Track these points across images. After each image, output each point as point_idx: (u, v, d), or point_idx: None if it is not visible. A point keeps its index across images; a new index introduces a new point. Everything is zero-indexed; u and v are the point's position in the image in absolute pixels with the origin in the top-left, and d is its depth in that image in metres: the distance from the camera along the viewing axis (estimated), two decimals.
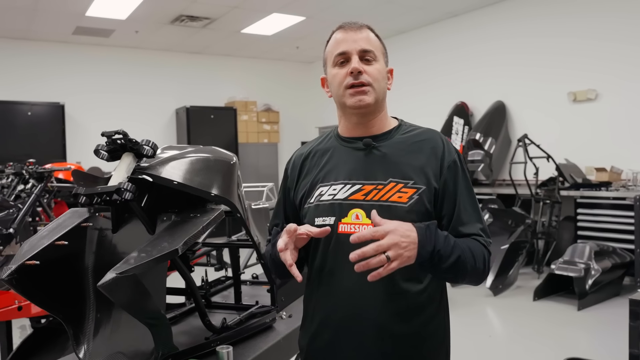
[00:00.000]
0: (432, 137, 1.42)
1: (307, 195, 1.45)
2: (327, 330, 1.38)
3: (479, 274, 1.33)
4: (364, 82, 1.36)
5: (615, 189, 5.75)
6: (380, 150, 1.40)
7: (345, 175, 1.39)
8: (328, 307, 1.39)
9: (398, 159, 1.37)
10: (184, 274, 1.81)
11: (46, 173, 3.86)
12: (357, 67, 1.35)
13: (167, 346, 1.52)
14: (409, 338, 1.34)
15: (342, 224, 1.35)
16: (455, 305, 4.96)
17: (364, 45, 1.38)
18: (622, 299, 5.12)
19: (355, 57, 1.37)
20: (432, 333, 1.37)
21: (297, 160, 1.53)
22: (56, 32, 8.34)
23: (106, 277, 1.28)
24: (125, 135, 1.52)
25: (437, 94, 8.37)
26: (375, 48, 1.40)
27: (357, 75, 1.36)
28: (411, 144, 1.40)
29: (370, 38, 1.40)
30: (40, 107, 8.49)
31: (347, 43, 1.38)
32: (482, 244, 1.34)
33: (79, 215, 1.69)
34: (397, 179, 1.34)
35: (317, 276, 1.41)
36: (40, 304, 1.57)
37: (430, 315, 1.37)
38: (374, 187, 1.35)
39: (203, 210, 1.62)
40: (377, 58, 1.39)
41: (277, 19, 8.03)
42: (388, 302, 1.32)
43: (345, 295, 1.35)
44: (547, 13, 6.94)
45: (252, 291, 2.50)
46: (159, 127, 9.69)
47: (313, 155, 1.50)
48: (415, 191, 1.33)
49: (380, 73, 1.39)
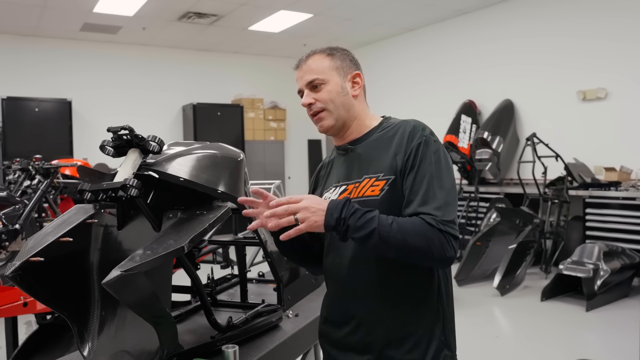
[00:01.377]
0: (404, 125, 1.46)
1: None
2: (336, 317, 1.52)
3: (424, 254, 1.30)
4: (317, 110, 1.52)
5: (624, 189, 5.69)
6: (355, 152, 1.53)
7: (336, 179, 1.56)
8: (335, 297, 1.54)
9: (371, 156, 1.48)
10: (190, 272, 1.79)
11: (52, 169, 3.86)
12: (306, 101, 1.53)
13: (173, 345, 1.50)
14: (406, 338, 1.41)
15: None
16: (463, 305, 4.93)
17: (307, 78, 1.53)
18: (632, 300, 5.08)
19: (306, 91, 1.54)
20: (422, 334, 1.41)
21: (316, 172, 1.71)
22: (64, 29, 8.35)
23: (111, 275, 1.26)
24: (131, 131, 1.50)
25: (445, 92, 8.32)
26: (320, 72, 1.51)
27: (310, 107, 1.53)
28: (385, 139, 1.47)
29: (312, 67, 1.53)
30: (47, 104, 8.50)
31: (299, 81, 1.57)
32: (427, 222, 1.30)
33: (85, 211, 1.67)
34: (370, 175, 1.45)
35: (325, 269, 1.58)
36: (44, 301, 1.55)
37: (416, 307, 1.41)
38: (354, 185, 1.47)
39: (210, 208, 1.60)
40: (326, 79, 1.51)
41: (285, 16, 8.00)
42: (377, 288, 1.42)
43: (342, 291, 1.50)
44: (556, 12, 6.88)
45: (259, 289, 2.48)
46: (166, 124, 9.69)
47: (325, 167, 1.67)
48: (385, 182, 1.41)
49: (332, 92, 1.51)
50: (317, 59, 1.55)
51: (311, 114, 1.54)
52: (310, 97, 1.52)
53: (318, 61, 1.54)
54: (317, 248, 1.60)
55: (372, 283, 1.43)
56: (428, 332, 1.41)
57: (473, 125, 7.55)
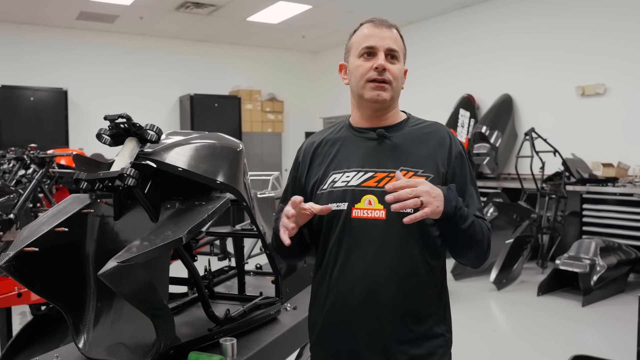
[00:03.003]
0: (439, 129, 1.52)
1: (320, 182, 1.50)
2: (343, 310, 1.44)
3: (484, 250, 1.43)
4: (386, 79, 1.44)
5: (622, 185, 5.69)
6: (391, 140, 1.47)
7: (358, 163, 1.46)
8: (343, 289, 1.44)
9: (408, 149, 1.46)
10: (187, 264, 1.76)
11: (48, 158, 3.82)
12: (383, 64, 1.43)
13: (170, 337, 1.48)
14: (416, 316, 1.42)
15: (355, 209, 1.42)
16: (459, 299, 4.92)
17: (391, 44, 1.46)
18: (627, 295, 5.08)
19: (381, 53, 1.44)
20: (433, 312, 1.45)
21: (309, 149, 1.58)
22: (60, 17, 8.27)
23: (107, 266, 1.24)
24: (129, 119, 1.47)
25: (443, 86, 8.29)
26: (400, 49, 1.48)
27: (382, 72, 1.43)
28: (420, 135, 1.49)
29: (397, 38, 1.49)
30: (43, 93, 8.44)
31: (376, 39, 1.45)
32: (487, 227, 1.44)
33: (81, 201, 1.64)
34: (408, 168, 1.42)
35: (331, 259, 1.46)
36: (39, 292, 1.53)
37: (433, 296, 1.46)
38: (385, 174, 1.42)
39: (208, 198, 1.57)
40: (400, 58, 1.48)
41: (283, 7, 7.95)
42: (399, 281, 1.40)
43: (359, 277, 1.41)
44: (556, 7, 6.84)
45: (256, 282, 2.46)
46: (163, 115, 9.64)
47: (325, 144, 1.55)
48: (424, 179, 1.37)
49: (400, 72, 1.48)
50: (398, 35, 1.50)
51: (378, 79, 1.43)
52: (386, 63, 1.44)
53: (399, 38, 1.50)
54: (309, 240, 1.55)
55: (392, 272, 1.40)
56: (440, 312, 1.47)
57: (471, 119, 7.53)
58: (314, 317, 1.53)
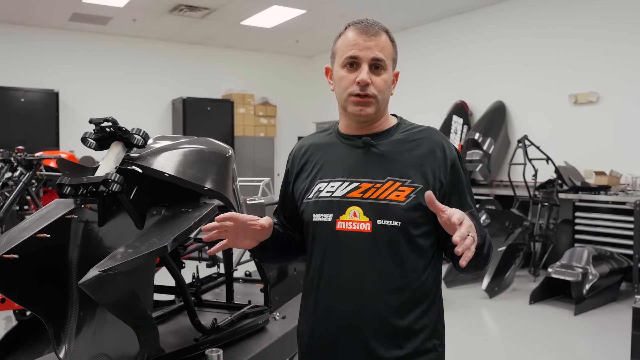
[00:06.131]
0: (431, 135, 1.43)
1: (307, 190, 1.45)
2: (330, 322, 1.39)
3: (487, 260, 1.40)
4: (369, 94, 1.35)
5: (614, 193, 5.69)
6: (378, 148, 1.40)
7: (344, 173, 1.40)
8: (329, 301, 1.39)
9: (396, 157, 1.38)
10: (173, 272, 1.72)
11: (35, 161, 3.77)
12: (366, 79, 1.33)
13: (153, 348, 1.44)
14: (406, 331, 1.36)
15: (340, 221, 1.36)
16: (451, 306, 4.89)
17: (376, 54, 1.35)
18: (619, 304, 5.07)
19: (365, 65, 1.34)
20: (425, 325, 1.39)
21: (297, 154, 1.52)
22: (52, 18, 8.21)
23: (88, 275, 1.20)
24: (114, 123, 1.44)
25: (436, 92, 8.29)
26: (387, 55, 1.37)
27: (364, 87, 1.34)
28: (409, 142, 1.41)
29: (384, 46, 1.37)
30: (34, 94, 8.36)
31: (360, 48, 1.35)
32: (488, 236, 1.40)
33: (65, 206, 1.60)
34: (395, 178, 1.35)
35: (317, 272, 1.41)
36: (19, 301, 1.49)
37: (425, 309, 1.39)
38: (371, 185, 1.36)
39: (195, 205, 1.54)
40: (387, 67, 1.37)
41: (277, 11, 7.93)
42: (388, 296, 1.34)
43: (346, 290, 1.36)
44: (549, 13, 6.86)
45: (245, 289, 2.42)
46: (155, 118, 9.58)
47: (313, 150, 1.49)
48: (412, 190, 1.34)
49: (387, 83, 1.39)
50: (386, 40, 1.38)
51: (361, 94, 1.35)
52: (369, 77, 1.34)
53: (387, 43, 1.38)
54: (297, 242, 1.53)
55: (379, 286, 1.34)
56: (431, 324, 1.40)
57: (464, 126, 7.53)
58: (303, 328, 1.49)
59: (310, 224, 1.41)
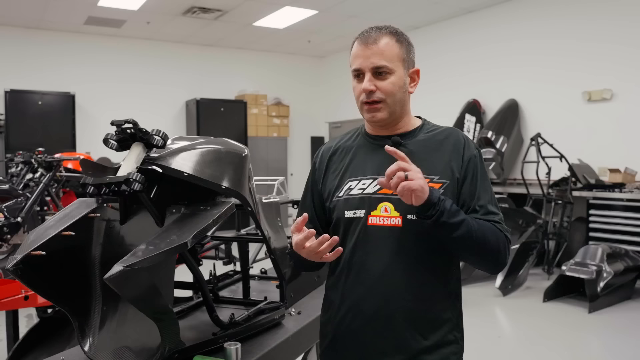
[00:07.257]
0: (454, 134, 1.50)
1: (336, 189, 1.52)
2: (357, 317, 1.44)
3: (495, 257, 1.40)
4: (376, 99, 1.42)
5: (629, 191, 5.66)
6: (406, 147, 1.45)
7: (374, 171, 1.46)
8: (357, 296, 1.44)
9: (423, 156, 1.44)
10: (192, 268, 1.77)
11: (55, 162, 3.85)
12: (368, 87, 1.41)
13: (174, 341, 1.48)
14: (432, 322, 1.42)
15: (371, 216, 1.43)
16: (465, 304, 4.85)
17: (376, 62, 1.41)
18: (634, 302, 5.05)
19: (367, 74, 1.42)
20: (448, 318, 1.45)
21: (325, 155, 1.60)
22: (68, 22, 8.34)
23: (113, 270, 1.24)
24: (135, 125, 1.48)
25: (449, 91, 8.28)
26: (390, 60, 1.42)
27: (369, 95, 1.42)
28: (435, 142, 1.47)
29: (384, 51, 1.42)
30: (51, 97, 8.49)
31: (361, 60, 1.43)
32: (500, 230, 1.40)
33: (87, 205, 1.65)
34: (424, 175, 1.38)
35: (345, 266, 1.47)
36: (45, 296, 1.54)
37: (448, 302, 1.46)
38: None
39: (213, 203, 1.58)
40: (393, 70, 1.42)
41: (290, 12, 7.97)
42: (416, 288, 1.40)
43: (375, 284, 1.42)
44: (562, 13, 6.83)
45: (261, 286, 2.46)
46: (169, 119, 9.67)
47: (341, 151, 1.57)
48: (440, 185, 1.40)
49: (396, 85, 1.43)
50: (388, 43, 1.43)
51: (367, 101, 1.43)
52: (372, 84, 1.41)
53: (389, 46, 1.43)
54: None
55: (408, 279, 1.40)
56: (454, 318, 1.47)
57: (477, 124, 7.52)
58: (327, 324, 1.54)
59: (342, 220, 1.47)
